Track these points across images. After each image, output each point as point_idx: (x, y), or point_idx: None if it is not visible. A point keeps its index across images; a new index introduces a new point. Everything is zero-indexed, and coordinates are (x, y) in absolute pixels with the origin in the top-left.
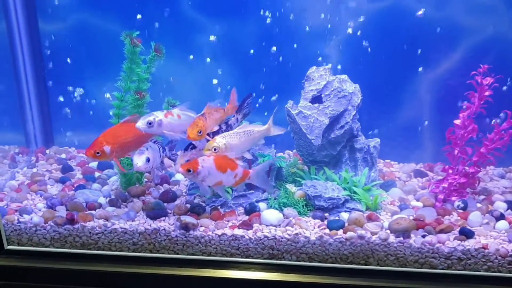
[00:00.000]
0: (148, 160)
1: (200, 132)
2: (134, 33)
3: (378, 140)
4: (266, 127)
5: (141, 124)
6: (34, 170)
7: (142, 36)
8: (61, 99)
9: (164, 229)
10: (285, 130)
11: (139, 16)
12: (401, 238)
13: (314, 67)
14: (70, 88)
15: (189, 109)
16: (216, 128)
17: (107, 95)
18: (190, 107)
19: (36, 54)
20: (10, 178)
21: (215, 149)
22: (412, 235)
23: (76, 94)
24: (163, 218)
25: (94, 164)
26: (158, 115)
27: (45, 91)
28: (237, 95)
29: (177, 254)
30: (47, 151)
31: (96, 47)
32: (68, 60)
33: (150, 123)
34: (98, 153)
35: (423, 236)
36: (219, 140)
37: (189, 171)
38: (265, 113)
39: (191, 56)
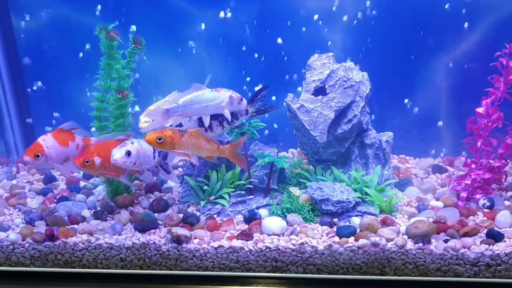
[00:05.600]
0: (128, 154)
1: (160, 139)
2: (110, 26)
3: (391, 134)
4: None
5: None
6: (14, 182)
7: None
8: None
9: (154, 243)
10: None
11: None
12: (421, 244)
13: (316, 55)
14: (40, 84)
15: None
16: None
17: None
18: None
19: (11, 53)
20: None
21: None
22: (432, 240)
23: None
24: (153, 230)
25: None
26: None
27: (24, 95)
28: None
29: (170, 270)
30: None
31: (77, 44)
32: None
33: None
34: (87, 162)
35: (446, 241)
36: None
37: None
38: None
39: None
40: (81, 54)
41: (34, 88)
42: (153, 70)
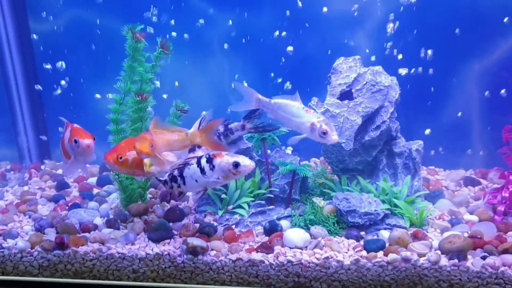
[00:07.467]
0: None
1: (151, 146)
2: (137, 27)
3: (421, 142)
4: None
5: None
6: (26, 188)
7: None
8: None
9: (169, 254)
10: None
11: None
12: (456, 261)
13: (342, 58)
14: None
15: None
16: (168, 156)
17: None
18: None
19: (27, 55)
20: None
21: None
22: (469, 256)
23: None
24: (168, 240)
25: (93, 180)
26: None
27: (38, 99)
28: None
29: (185, 283)
30: (42, 167)
31: (93, 47)
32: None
33: None
34: (120, 158)
35: (483, 258)
36: None
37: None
38: None
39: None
40: (93, 46)
41: (57, 91)
42: (174, 74)
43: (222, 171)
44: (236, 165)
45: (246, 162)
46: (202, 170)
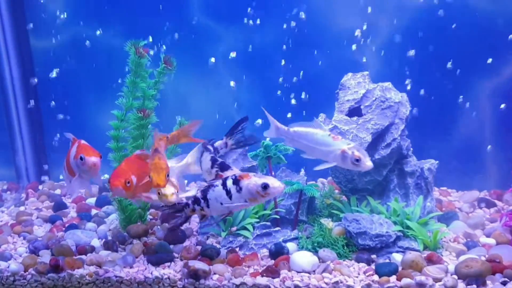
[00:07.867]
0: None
1: (168, 176)
2: (141, 42)
3: (433, 161)
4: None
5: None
6: (22, 208)
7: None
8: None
9: (169, 278)
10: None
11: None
12: (474, 286)
13: (350, 74)
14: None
15: None
16: None
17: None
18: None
19: (26, 69)
20: None
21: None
22: (488, 282)
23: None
24: (168, 263)
25: (91, 200)
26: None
27: (38, 117)
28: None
29: None
30: (40, 187)
31: (95, 65)
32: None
33: None
34: (128, 182)
35: (503, 283)
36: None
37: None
38: None
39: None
40: (94, 61)
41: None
42: (177, 90)
43: (250, 193)
44: (265, 186)
45: (275, 184)
46: (228, 192)
